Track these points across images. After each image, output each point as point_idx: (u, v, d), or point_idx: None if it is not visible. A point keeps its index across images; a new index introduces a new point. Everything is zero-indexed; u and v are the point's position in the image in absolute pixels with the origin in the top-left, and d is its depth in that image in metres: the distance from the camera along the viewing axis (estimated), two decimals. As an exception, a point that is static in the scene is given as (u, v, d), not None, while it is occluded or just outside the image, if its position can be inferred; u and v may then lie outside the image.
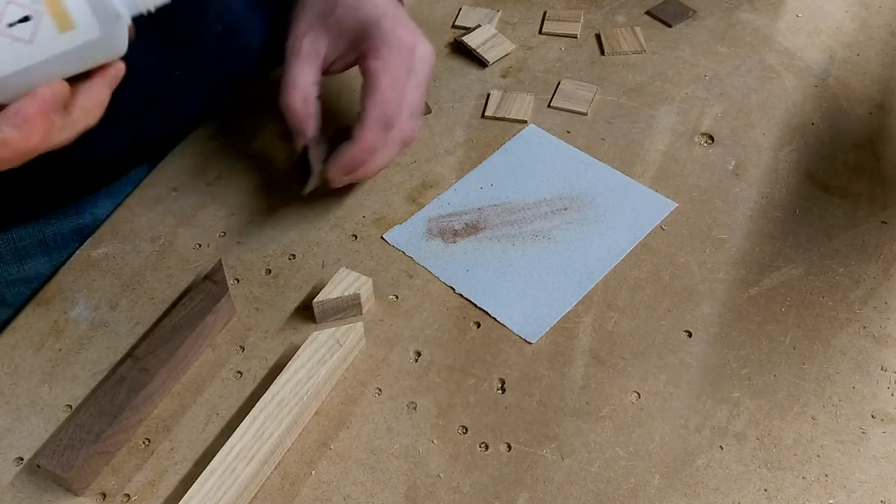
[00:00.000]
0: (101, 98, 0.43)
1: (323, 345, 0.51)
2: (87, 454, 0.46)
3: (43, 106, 0.40)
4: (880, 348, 0.53)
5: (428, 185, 0.64)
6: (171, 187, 0.64)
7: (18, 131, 0.39)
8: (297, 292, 0.57)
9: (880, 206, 0.61)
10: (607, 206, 0.61)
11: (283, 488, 0.48)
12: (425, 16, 0.79)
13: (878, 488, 0.47)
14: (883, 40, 0.74)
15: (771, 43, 0.74)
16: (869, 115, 0.67)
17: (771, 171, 0.63)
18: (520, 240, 0.59)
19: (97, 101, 0.43)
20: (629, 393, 0.51)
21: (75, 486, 0.47)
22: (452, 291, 0.57)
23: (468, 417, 0.50)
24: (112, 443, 0.48)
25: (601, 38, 0.75)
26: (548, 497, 0.47)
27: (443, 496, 0.47)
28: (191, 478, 0.46)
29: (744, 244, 0.59)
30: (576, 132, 0.67)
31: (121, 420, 0.48)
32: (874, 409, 0.50)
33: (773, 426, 0.49)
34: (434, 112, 0.69)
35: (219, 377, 0.53)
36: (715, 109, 0.68)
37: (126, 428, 0.49)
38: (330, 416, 0.51)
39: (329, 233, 0.61)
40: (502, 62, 0.73)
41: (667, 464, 0.48)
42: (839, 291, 0.56)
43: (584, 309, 0.55)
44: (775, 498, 0.47)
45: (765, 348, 0.53)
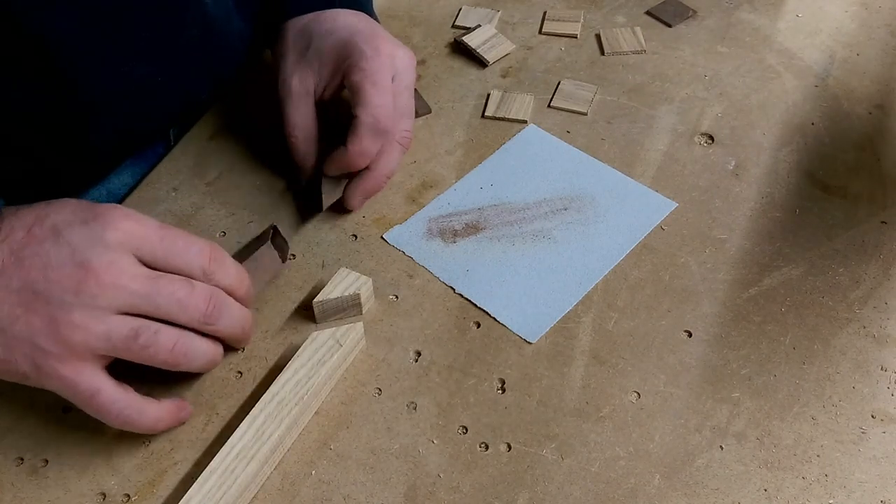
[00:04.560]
0: None
1: (323, 345, 0.51)
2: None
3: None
4: (880, 348, 0.53)
5: (428, 185, 0.64)
6: (171, 187, 0.64)
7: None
8: (297, 292, 0.57)
9: (880, 206, 0.61)
10: (607, 206, 0.61)
11: (283, 488, 0.48)
12: (425, 16, 0.79)
13: (878, 488, 0.47)
14: (883, 40, 0.74)
15: (771, 43, 0.74)
16: (869, 115, 0.67)
17: (771, 171, 0.63)
18: (520, 240, 0.59)
19: None
20: (629, 393, 0.51)
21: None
22: (452, 291, 0.57)
23: (468, 417, 0.50)
24: None
25: (601, 38, 0.75)
26: (548, 497, 0.47)
27: (443, 496, 0.47)
28: (191, 478, 0.46)
29: (744, 244, 0.59)
30: (576, 132, 0.67)
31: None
32: (874, 409, 0.50)
33: (773, 426, 0.49)
34: (434, 112, 0.69)
35: (219, 377, 0.53)
36: (715, 109, 0.68)
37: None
38: (330, 416, 0.51)
39: (329, 233, 0.61)
40: (502, 62, 0.73)
41: (667, 464, 0.48)
42: (839, 291, 0.56)
43: (584, 309, 0.55)
44: (775, 498, 0.47)
45: (765, 348, 0.53)
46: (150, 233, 0.46)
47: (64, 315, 0.43)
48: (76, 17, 0.54)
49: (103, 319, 0.44)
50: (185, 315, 0.46)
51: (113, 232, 0.45)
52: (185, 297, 0.46)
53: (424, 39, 0.76)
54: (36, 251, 0.44)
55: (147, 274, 0.45)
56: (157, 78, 0.61)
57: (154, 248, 0.46)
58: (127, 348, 0.45)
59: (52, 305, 0.43)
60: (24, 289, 0.43)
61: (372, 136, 0.57)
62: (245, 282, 0.51)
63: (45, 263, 0.43)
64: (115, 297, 0.44)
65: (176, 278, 0.46)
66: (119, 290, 0.44)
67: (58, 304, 0.43)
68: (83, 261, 0.43)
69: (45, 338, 0.43)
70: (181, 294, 0.46)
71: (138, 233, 0.46)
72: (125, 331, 0.44)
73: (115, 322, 0.44)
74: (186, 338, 0.47)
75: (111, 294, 0.44)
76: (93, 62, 0.57)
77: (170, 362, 0.46)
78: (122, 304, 0.44)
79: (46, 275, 0.43)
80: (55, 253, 0.44)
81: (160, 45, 0.61)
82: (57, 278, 0.43)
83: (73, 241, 0.44)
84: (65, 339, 0.43)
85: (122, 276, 0.44)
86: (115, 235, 0.45)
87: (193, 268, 0.47)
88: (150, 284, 0.45)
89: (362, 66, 0.57)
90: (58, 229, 0.44)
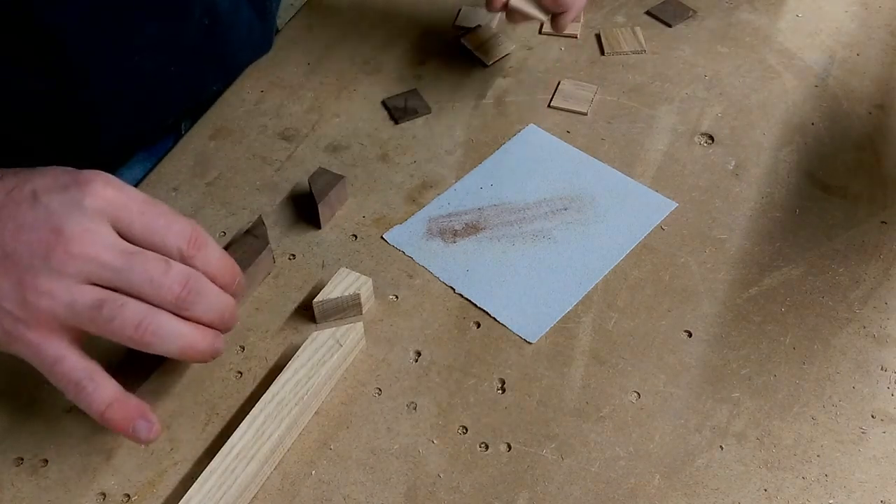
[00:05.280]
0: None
1: (323, 345, 0.51)
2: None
3: None
4: (880, 348, 0.53)
5: (428, 185, 0.64)
6: (172, 187, 0.64)
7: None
8: (297, 292, 0.57)
9: (880, 206, 0.61)
10: (607, 206, 0.61)
11: (283, 488, 0.48)
12: (425, 16, 0.79)
13: (878, 488, 0.47)
14: (883, 40, 0.74)
15: (771, 43, 0.74)
16: (869, 115, 0.67)
17: (771, 171, 0.63)
18: (520, 240, 0.59)
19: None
20: (629, 393, 0.51)
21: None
22: (452, 291, 0.57)
23: (468, 417, 0.50)
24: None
25: (601, 38, 0.75)
26: (548, 497, 0.47)
27: (443, 496, 0.47)
28: (191, 478, 0.46)
29: (744, 244, 0.59)
30: (576, 132, 0.67)
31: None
32: (874, 409, 0.50)
33: (773, 426, 0.49)
34: (434, 112, 0.69)
35: (219, 377, 0.53)
36: (715, 109, 0.68)
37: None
38: (330, 416, 0.51)
39: (329, 233, 0.61)
40: (502, 62, 0.73)
41: (667, 464, 0.48)
42: (839, 291, 0.56)
43: (584, 309, 0.55)
44: (775, 498, 0.47)
45: (765, 348, 0.53)
46: (131, 204, 0.44)
47: (31, 279, 0.42)
48: (87, 10, 0.54)
49: (69, 288, 0.42)
50: (158, 295, 0.43)
51: (92, 199, 0.43)
52: (158, 277, 0.43)
53: (424, 39, 0.76)
54: (12, 213, 0.43)
55: (123, 248, 0.43)
56: (166, 69, 0.61)
57: (132, 220, 0.44)
58: (91, 319, 0.43)
59: (21, 269, 0.42)
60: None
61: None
62: (229, 270, 0.48)
63: (18, 226, 0.42)
64: (84, 266, 0.42)
65: (152, 256, 0.44)
66: (89, 260, 0.42)
67: (26, 268, 0.42)
68: (56, 226, 0.42)
69: (11, 301, 0.42)
70: (155, 273, 0.43)
71: (118, 202, 0.44)
72: (89, 300, 0.42)
73: (82, 290, 0.42)
74: (156, 315, 0.43)
75: (80, 263, 0.42)
76: (103, 55, 0.56)
77: (136, 339, 0.43)
78: (91, 275, 0.42)
79: (18, 237, 0.42)
80: (31, 216, 0.42)
81: (169, 36, 0.60)
82: (28, 241, 0.42)
83: (51, 205, 0.43)
84: (30, 304, 0.42)
85: (94, 245, 0.42)
86: (93, 202, 0.43)
87: (170, 247, 0.45)
88: (123, 258, 0.43)
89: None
90: (36, 193, 0.43)
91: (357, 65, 0.74)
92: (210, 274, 0.46)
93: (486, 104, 0.70)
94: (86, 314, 0.43)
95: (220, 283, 0.47)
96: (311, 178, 0.61)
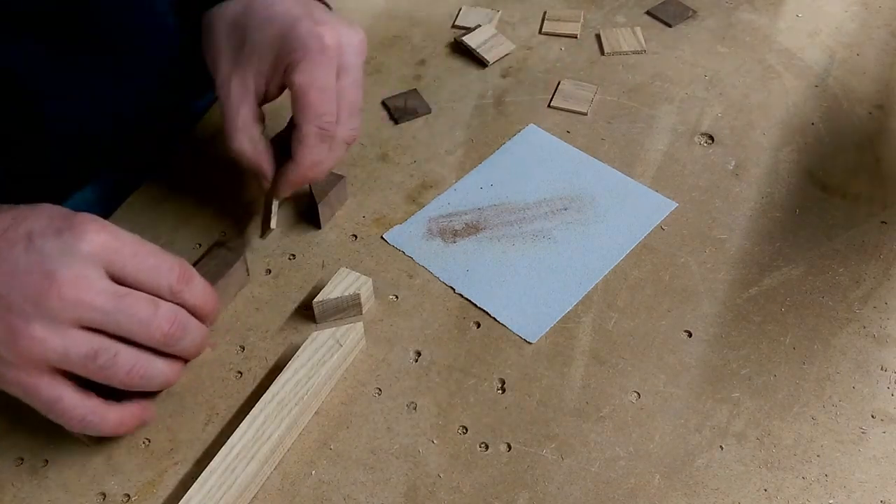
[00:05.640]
0: None
1: (323, 345, 0.51)
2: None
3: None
4: (880, 348, 0.53)
5: (428, 185, 0.64)
6: (173, 188, 0.64)
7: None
8: (297, 292, 0.57)
9: (880, 206, 0.61)
10: (607, 206, 0.61)
11: (283, 488, 0.48)
12: (425, 16, 0.79)
13: (878, 488, 0.47)
14: (883, 40, 0.74)
15: (771, 43, 0.74)
16: (869, 115, 0.67)
17: (771, 171, 0.63)
18: (520, 240, 0.59)
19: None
20: (629, 393, 0.51)
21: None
22: (452, 291, 0.57)
23: (468, 417, 0.50)
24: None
25: (601, 38, 0.75)
26: (548, 497, 0.47)
27: (443, 496, 0.47)
28: (191, 478, 0.46)
29: (744, 244, 0.59)
30: (576, 132, 0.67)
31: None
32: (874, 409, 0.50)
33: (773, 426, 0.49)
34: (434, 112, 0.69)
35: (219, 377, 0.53)
36: (715, 109, 0.68)
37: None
38: (330, 416, 0.51)
39: (329, 233, 0.61)
40: (502, 62, 0.73)
41: (667, 464, 0.48)
42: (839, 291, 0.56)
43: (584, 309, 0.55)
44: (775, 498, 0.47)
45: (765, 348, 0.53)
46: (124, 247, 0.45)
47: (23, 325, 0.42)
48: (43, 54, 0.55)
49: (62, 334, 0.42)
50: (147, 335, 0.45)
51: (86, 244, 0.43)
52: (147, 318, 0.45)
53: (424, 39, 0.76)
54: (6, 256, 0.43)
55: (113, 291, 0.44)
56: (123, 109, 0.61)
57: (125, 262, 0.45)
58: (84, 366, 0.44)
59: (13, 313, 0.42)
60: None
61: (320, 144, 0.54)
62: (211, 301, 0.49)
63: (12, 269, 0.42)
64: (75, 312, 0.43)
65: (141, 297, 0.45)
66: (81, 306, 0.43)
67: (18, 313, 0.42)
68: (49, 271, 0.42)
69: (3, 346, 0.42)
70: (144, 314, 0.44)
71: (111, 246, 0.44)
72: (84, 350, 0.43)
73: (75, 338, 0.43)
74: (145, 360, 0.46)
75: (72, 308, 0.42)
76: (59, 92, 0.57)
77: (125, 383, 0.45)
78: (82, 319, 0.43)
79: (12, 280, 0.42)
80: (24, 260, 0.42)
81: (125, 78, 0.60)
82: (21, 286, 0.42)
83: (45, 249, 0.43)
84: (23, 350, 0.42)
85: (86, 290, 0.43)
86: (87, 247, 0.43)
87: (162, 286, 0.46)
88: (114, 302, 0.44)
89: (305, 67, 0.52)
90: (31, 236, 0.43)
91: (357, 65, 0.74)
92: (195, 307, 0.48)
93: (486, 104, 0.70)
94: (79, 363, 0.43)
95: (202, 313, 0.49)
96: None
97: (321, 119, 0.53)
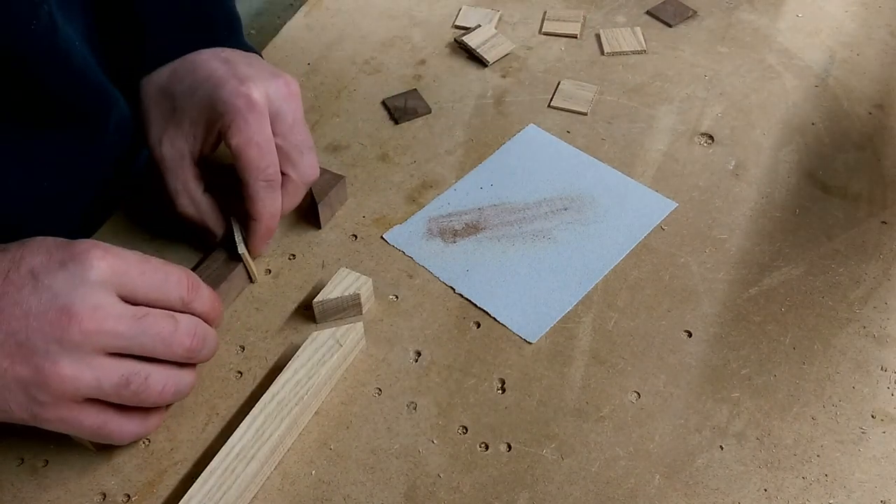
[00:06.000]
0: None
1: (323, 345, 0.51)
2: None
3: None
4: (880, 348, 0.53)
5: (428, 185, 0.64)
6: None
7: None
8: (297, 292, 0.57)
9: (880, 206, 0.61)
10: (607, 206, 0.61)
11: (283, 488, 0.48)
12: (425, 16, 0.79)
13: (878, 488, 0.47)
14: (883, 40, 0.74)
15: (771, 43, 0.74)
16: (869, 115, 0.67)
17: (771, 171, 0.63)
18: (520, 240, 0.59)
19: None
20: (629, 393, 0.51)
21: None
22: (452, 291, 0.57)
23: (468, 417, 0.50)
24: None
25: (601, 38, 0.75)
26: (548, 497, 0.47)
27: (443, 496, 0.47)
28: (191, 478, 0.46)
29: (744, 244, 0.59)
30: (576, 132, 0.67)
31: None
32: (874, 409, 0.50)
33: (773, 426, 0.49)
34: (434, 112, 0.69)
35: (219, 377, 0.53)
36: (715, 109, 0.68)
37: None
38: (330, 416, 0.51)
39: (329, 233, 0.61)
40: (502, 62, 0.73)
41: (667, 464, 0.48)
42: (839, 291, 0.56)
43: (584, 309, 0.55)
44: (775, 498, 0.47)
45: (765, 348, 0.53)
46: (131, 268, 0.44)
47: (51, 366, 0.41)
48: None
49: (91, 366, 0.42)
50: (170, 352, 0.45)
51: (94, 272, 0.43)
52: (169, 335, 0.45)
53: (424, 39, 0.76)
54: (15, 300, 0.42)
55: (131, 314, 0.44)
56: (76, 186, 0.60)
57: (135, 283, 0.44)
58: (117, 394, 0.44)
59: (38, 356, 0.41)
60: (7, 341, 0.41)
61: (272, 195, 0.55)
62: (217, 306, 0.50)
63: (25, 312, 0.41)
64: (100, 341, 0.42)
65: (160, 315, 0.45)
66: (104, 335, 0.42)
67: (43, 355, 0.41)
68: (65, 306, 0.42)
69: (35, 388, 0.42)
70: (166, 332, 0.45)
71: (119, 269, 0.44)
72: (115, 378, 0.43)
73: (105, 368, 0.43)
74: (175, 376, 0.46)
75: (96, 339, 0.42)
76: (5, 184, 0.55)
77: (157, 402, 0.46)
78: (107, 347, 0.43)
79: (28, 324, 0.41)
80: (35, 300, 0.42)
81: (80, 154, 0.59)
82: (39, 327, 0.41)
83: (53, 285, 0.42)
84: (55, 390, 0.42)
85: (106, 320, 0.42)
86: (96, 275, 0.43)
87: (173, 299, 0.46)
88: (135, 325, 0.44)
89: (239, 128, 0.53)
90: (35, 274, 0.42)
91: (357, 65, 0.74)
92: (204, 314, 0.48)
93: (486, 104, 0.70)
94: (112, 391, 0.44)
95: (210, 319, 0.49)
96: None
97: (265, 173, 0.54)
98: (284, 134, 0.55)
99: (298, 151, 0.56)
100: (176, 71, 0.57)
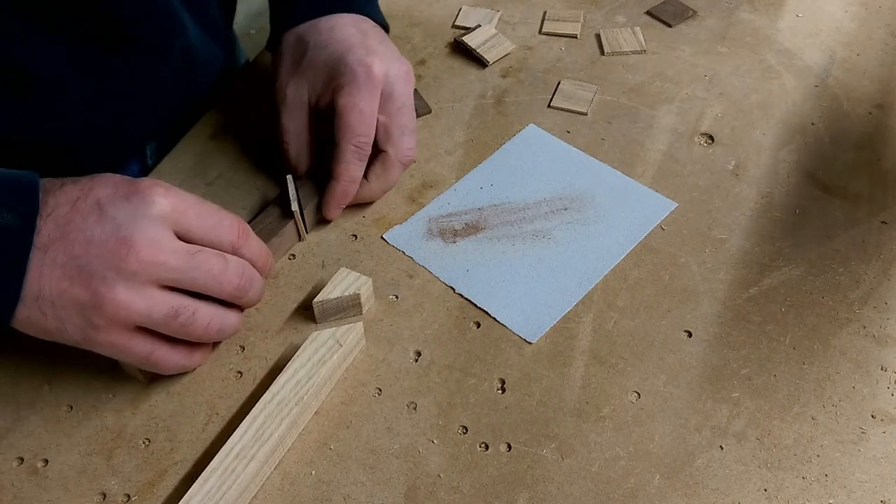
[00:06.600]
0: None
1: (323, 345, 0.51)
2: None
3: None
4: (880, 348, 0.53)
5: (428, 185, 0.64)
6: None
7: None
8: (297, 292, 0.57)
9: (880, 206, 0.61)
10: (607, 206, 0.61)
11: (283, 488, 0.48)
12: (425, 16, 0.79)
13: (878, 488, 0.47)
14: (883, 40, 0.74)
15: (771, 43, 0.74)
16: (869, 115, 0.67)
17: (771, 171, 0.63)
18: (520, 240, 0.59)
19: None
20: (629, 393, 0.51)
21: None
22: (452, 291, 0.57)
23: (468, 417, 0.50)
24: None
25: (601, 38, 0.75)
26: (548, 497, 0.47)
27: (443, 496, 0.47)
28: (191, 478, 0.46)
29: (744, 244, 0.59)
30: (576, 132, 0.67)
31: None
32: (874, 409, 0.50)
33: (773, 426, 0.49)
34: (434, 112, 0.69)
35: (219, 377, 0.53)
36: (715, 109, 0.68)
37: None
38: (330, 416, 0.51)
39: (329, 233, 0.61)
40: (502, 62, 0.73)
41: (667, 464, 0.48)
42: (839, 291, 0.56)
43: (584, 309, 0.55)
44: (775, 498, 0.47)
45: (765, 348, 0.53)
46: (189, 208, 0.47)
47: (107, 291, 0.44)
48: (64, 54, 0.57)
49: (144, 295, 0.45)
50: (219, 289, 0.48)
51: (155, 207, 0.46)
52: (219, 273, 0.48)
53: (424, 39, 0.76)
54: (80, 226, 0.45)
55: (185, 249, 0.47)
56: (138, 105, 0.64)
57: (191, 223, 0.47)
58: (166, 324, 0.47)
59: (96, 280, 0.44)
60: (69, 263, 0.44)
61: (357, 161, 0.58)
62: (265, 255, 0.53)
63: (88, 238, 0.44)
64: (154, 273, 0.45)
65: (211, 253, 0.48)
66: (159, 267, 0.45)
67: (101, 280, 0.44)
68: (125, 236, 0.45)
69: (91, 311, 0.44)
70: (217, 269, 0.48)
71: (178, 208, 0.47)
72: (165, 309, 0.46)
73: (156, 298, 0.46)
74: (221, 314, 0.49)
75: (151, 270, 0.45)
76: (75, 94, 0.59)
77: (202, 337, 0.49)
78: (161, 279, 0.46)
79: (89, 249, 0.44)
80: (98, 228, 0.45)
81: (145, 77, 0.63)
82: (100, 254, 0.44)
83: (116, 216, 0.45)
84: (109, 314, 0.44)
85: (161, 252, 0.45)
86: (156, 211, 0.46)
87: (224, 242, 0.49)
88: (188, 260, 0.46)
89: (350, 91, 0.57)
90: (101, 204, 0.45)
91: (357, 65, 0.74)
92: (253, 260, 0.51)
93: (486, 104, 0.70)
94: (162, 321, 0.46)
95: (259, 266, 0.52)
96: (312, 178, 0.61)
97: (357, 138, 0.57)
98: (392, 114, 0.59)
99: (400, 132, 0.60)
100: (314, 26, 0.62)
